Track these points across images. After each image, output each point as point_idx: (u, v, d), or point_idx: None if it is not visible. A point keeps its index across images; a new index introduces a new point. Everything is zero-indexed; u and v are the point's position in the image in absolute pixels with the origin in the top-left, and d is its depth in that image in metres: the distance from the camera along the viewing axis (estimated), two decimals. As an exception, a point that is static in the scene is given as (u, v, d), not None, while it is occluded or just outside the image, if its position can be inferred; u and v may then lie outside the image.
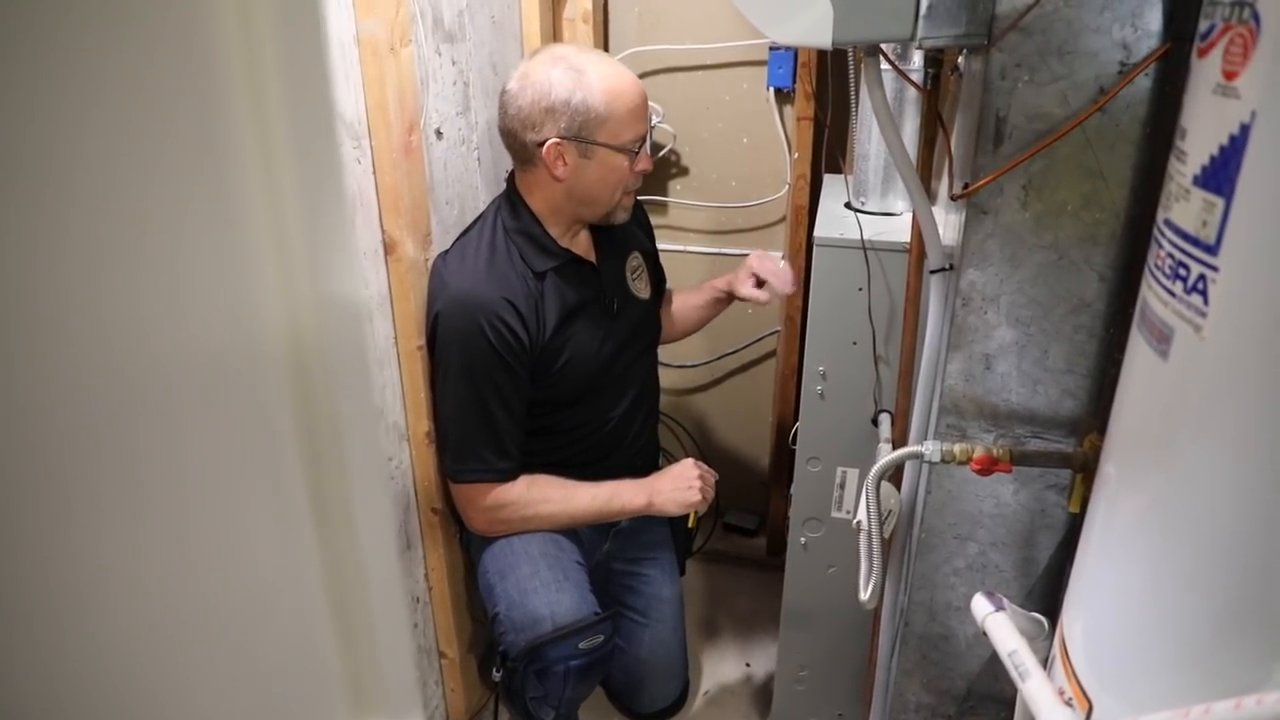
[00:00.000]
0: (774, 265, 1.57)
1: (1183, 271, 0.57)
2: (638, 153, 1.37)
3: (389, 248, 1.35)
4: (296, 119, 0.30)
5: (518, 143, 1.36)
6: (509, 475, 1.40)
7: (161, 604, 0.29)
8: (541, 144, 1.32)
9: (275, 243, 0.31)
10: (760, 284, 1.58)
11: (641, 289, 1.58)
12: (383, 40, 1.24)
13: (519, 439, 1.41)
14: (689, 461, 1.52)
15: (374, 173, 1.30)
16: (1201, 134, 0.56)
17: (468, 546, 1.56)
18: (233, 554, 0.32)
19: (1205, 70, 0.56)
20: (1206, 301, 0.55)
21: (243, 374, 0.31)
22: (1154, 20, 0.88)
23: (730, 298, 1.71)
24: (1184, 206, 0.58)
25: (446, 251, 1.43)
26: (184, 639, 0.31)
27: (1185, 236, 0.57)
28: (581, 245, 1.47)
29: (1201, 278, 0.55)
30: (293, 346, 0.32)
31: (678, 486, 1.48)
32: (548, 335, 1.38)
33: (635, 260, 1.58)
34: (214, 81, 0.28)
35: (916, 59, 1.40)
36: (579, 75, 1.29)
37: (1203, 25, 0.58)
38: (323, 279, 0.32)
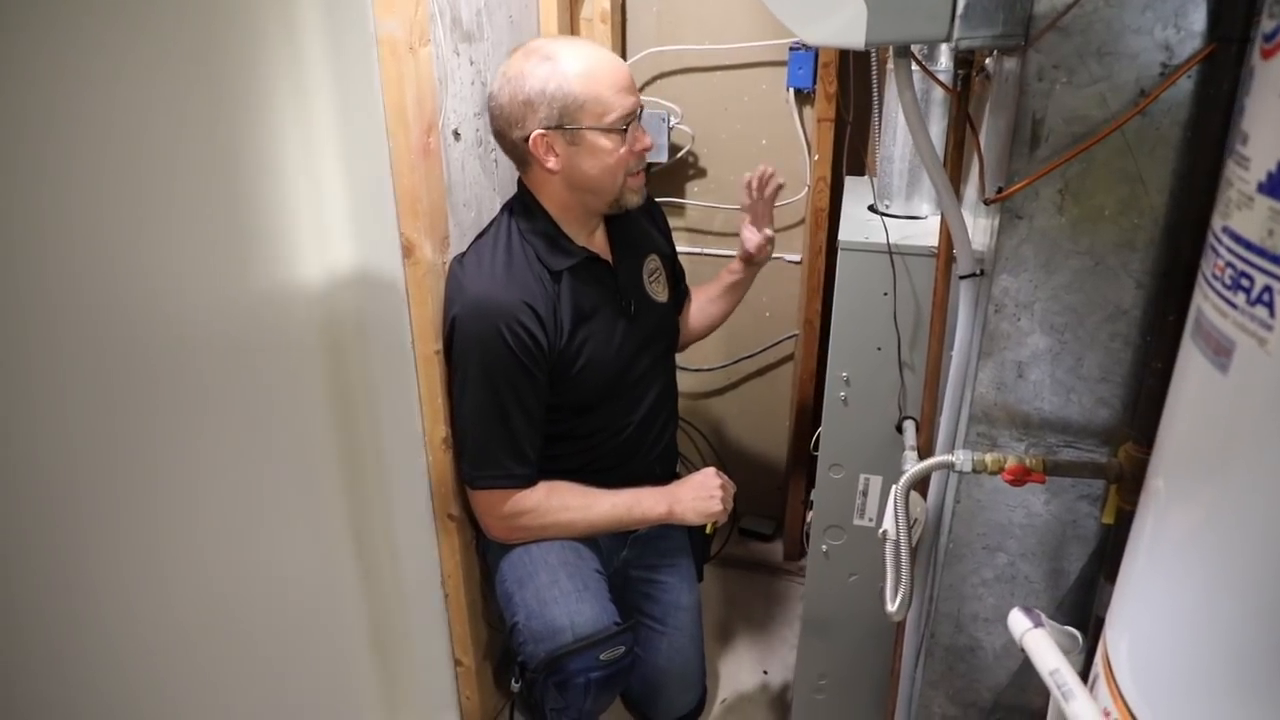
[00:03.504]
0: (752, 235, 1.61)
1: (1245, 282, 0.55)
2: (627, 130, 1.33)
3: (406, 250, 1.33)
4: (341, 99, 0.29)
5: (508, 143, 1.35)
6: (528, 481, 1.39)
7: (194, 605, 0.28)
8: (527, 139, 1.30)
9: (316, 235, 0.29)
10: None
11: (659, 292, 1.56)
12: (401, 40, 1.22)
13: (537, 445, 1.39)
14: (710, 470, 1.50)
15: (391, 174, 1.28)
16: (1268, 139, 0.53)
17: (485, 553, 1.54)
18: (269, 558, 0.31)
19: (1272, 73, 0.54)
20: (1273, 314, 0.52)
21: (283, 353, 0.29)
22: (1198, 20, 0.85)
23: (743, 270, 1.69)
24: (1246, 215, 0.55)
25: (463, 255, 1.41)
26: (216, 641, 0.29)
27: (1249, 246, 0.55)
28: (598, 245, 1.45)
29: (1267, 289, 0.53)
30: (330, 324, 0.31)
31: (699, 496, 1.46)
32: (564, 338, 1.36)
33: (653, 263, 1.56)
34: (259, 72, 0.26)
35: (943, 59, 1.38)
36: (552, 63, 1.28)
37: (1267, 26, 0.56)
38: (364, 261, 0.31)
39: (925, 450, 1.31)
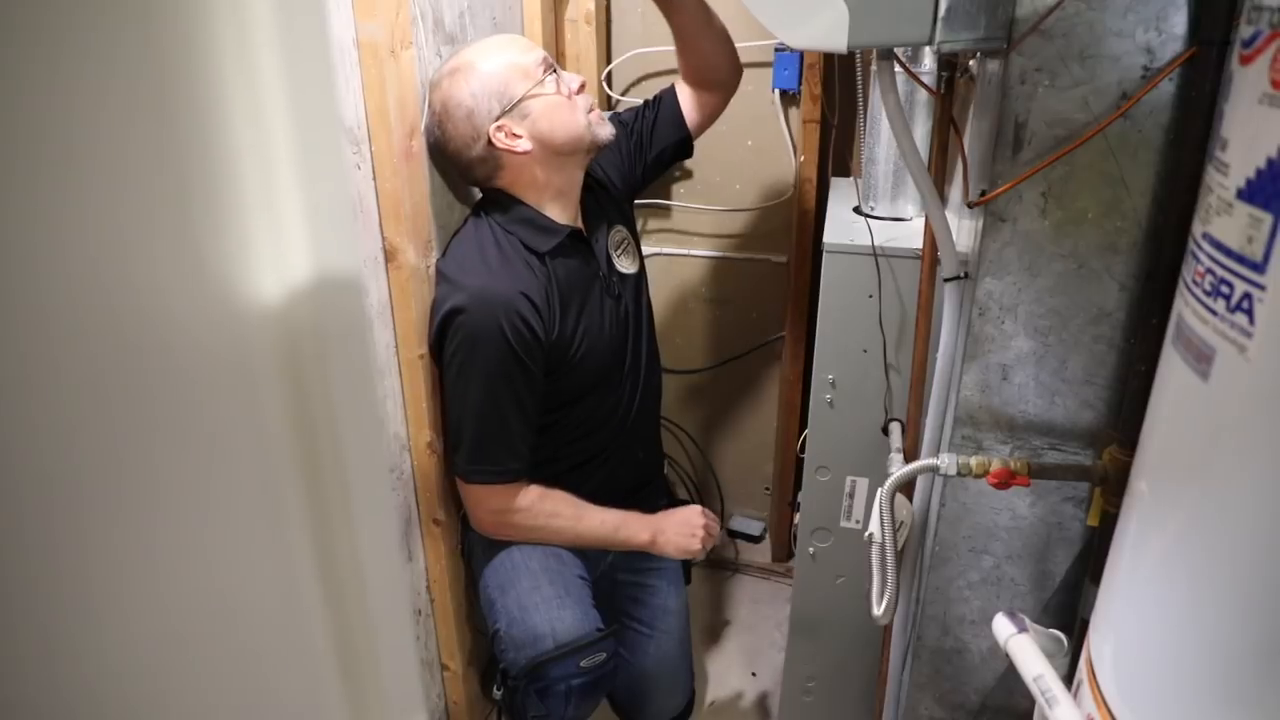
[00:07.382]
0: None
1: (1225, 289, 0.54)
2: (555, 75, 1.34)
3: (389, 255, 1.32)
4: (297, 112, 0.28)
5: (475, 162, 1.35)
6: (519, 476, 1.37)
7: (141, 609, 0.27)
8: (489, 141, 1.31)
9: (271, 234, 0.29)
10: None
11: (628, 265, 1.53)
12: (383, 43, 1.21)
13: (531, 440, 1.38)
14: (697, 509, 1.51)
15: (374, 179, 1.27)
16: (1247, 146, 0.53)
17: (469, 558, 1.53)
18: (217, 558, 0.30)
19: (1250, 79, 0.53)
20: (1252, 321, 0.52)
21: (234, 368, 0.29)
22: (1179, 24, 0.85)
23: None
24: (1226, 221, 0.55)
25: (443, 256, 1.39)
26: (167, 646, 0.28)
27: (1228, 252, 0.54)
28: (579, 223, 1.45)
29: (1247, 296, 0.52)
30: (287, 339, 0.30)
31: (681, 532, 1.48)
32: (558, 324, 1.34)
33: (619, 234, 1.54)
34: (210, 67, 0.25)
35: (927, 61, 1.38)
36: (463, 70, 1.30)
37: (1245, 32, 0.55)
38: (323, 271, 0.30)
39: (911, 452, 1.31)
